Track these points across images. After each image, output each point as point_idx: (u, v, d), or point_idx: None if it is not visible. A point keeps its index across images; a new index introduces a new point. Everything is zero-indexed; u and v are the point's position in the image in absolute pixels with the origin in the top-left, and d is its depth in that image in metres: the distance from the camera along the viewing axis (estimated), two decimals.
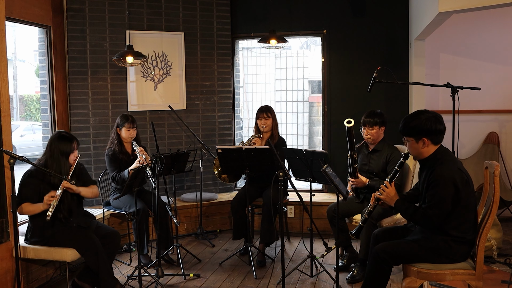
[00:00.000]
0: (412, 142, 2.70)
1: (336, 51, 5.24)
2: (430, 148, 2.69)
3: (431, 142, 2.67)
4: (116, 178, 4.09)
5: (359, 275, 3.64)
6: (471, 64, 5.27)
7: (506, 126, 5.23)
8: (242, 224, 4.24)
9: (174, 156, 4.01)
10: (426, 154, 2.70)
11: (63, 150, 3.28)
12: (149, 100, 5.09)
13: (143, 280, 3.59)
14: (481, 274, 2.62)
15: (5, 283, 3.21)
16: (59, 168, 3.26)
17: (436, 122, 2.65)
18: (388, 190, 2.84)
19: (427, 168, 2.69)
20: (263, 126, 4.37)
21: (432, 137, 2.66)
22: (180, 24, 5.16)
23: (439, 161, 2.64)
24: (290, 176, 3.49)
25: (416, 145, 2.69)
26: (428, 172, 2.66)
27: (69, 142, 3.31)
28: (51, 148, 3.30)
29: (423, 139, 2.65)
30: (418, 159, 2.77)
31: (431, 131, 2.64)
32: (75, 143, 3.34)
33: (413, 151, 2.74)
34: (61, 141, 3.30)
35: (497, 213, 4.50)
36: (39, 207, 3.20)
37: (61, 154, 3.28)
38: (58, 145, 3.28)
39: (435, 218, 2.59)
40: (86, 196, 3.43)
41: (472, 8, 3.59)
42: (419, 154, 2.73)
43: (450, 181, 2.55)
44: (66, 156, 3.29)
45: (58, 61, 4.62)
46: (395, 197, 2.81)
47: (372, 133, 3.81)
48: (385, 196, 2.84)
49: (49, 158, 3.29)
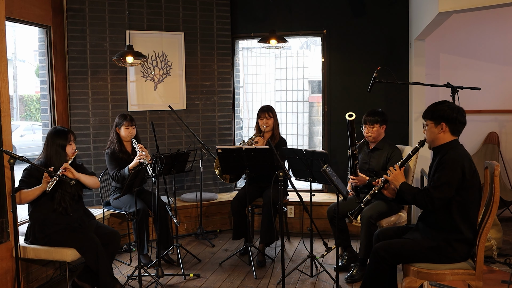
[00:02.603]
0: (431, 125, 2.73)
1: (336, 51, 5.24)
2: (447, 136, 2.71)
3: (449, 130, 2.70)
4: (116, 176, 4.09)
5: (358, 275, 3.64)
6: (471, 64, 5.27)
7: (506, 126, 5.23)
8: (242, 224, 4.24)
9: (174, 156, 4.01)
10: (442, 141, 2.72)
11: (60, 142, 3.32)
12: (149, 100, 5.09)
13: (143, 280, 3.59)
14: (481, 274, 2.62)
15: (5, 283, 3.21)
16: (58, 161, 3.28)
17: (458, 112, 2.70)
18: (396, 172, 2.89)
19: (439, 156, 2.71)
20: (264, 126, 4.37)
21: (451, 125, 2.69)
22: (180, 24, 5.16)
23: (453, 149, 2.67)
24: (290, 176, 3.49)
25: (434, 129, 2.72)
26: (439, 158, 2.69)
27: (65, 134, 3.35)
28: (48, 143, 3.35)
29: (442, 124, 2.69)
30: (432, 146, 2.78)
31: (452, 119, 2.68)
32: (71, 135, 3.39)
33: (429, 135, 2.76)
34: (57, 135, 3.35)
35: (497, 213, 4.50)
36: (37, 188, 3.19)
37: (59, 147, 3.32)
38: (55, 138, 3.33)
39: (437, 201, 2.61)
40: (86, 184, 3.43)
41: (472, 8, 3.59)
42: (435, 140, 2.74)
43: (459, 165, 2.58)
44: (64, 148, 3.33)
45: (58, 61, 4.62)
46: (402, 179, 2.86)
47: (372, 131, 3.82)
48: (393, 177, 2.89)
49: (48, 153, 3.32)
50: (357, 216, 3.16)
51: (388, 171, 2.93)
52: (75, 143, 3.43)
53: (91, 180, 3.47)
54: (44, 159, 3.32)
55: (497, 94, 5.22)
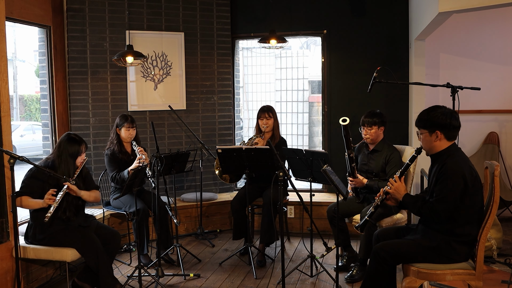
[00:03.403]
0: (425, 134, 2.71)
1: (336, 51, 5.24)
2: (443, 143, 2.68)
3: (444, 137, 2.67)
4: (116, 178, 4.09)
5: (358, 275, 3.64)
6: (471, 64, 5.26)
7: (506, 126, 5.23)
8: (242, 224, 4.24)
9: (174, 156, 4.01)
10: (439, 148, 2.70)
11: (71, 152, 3.32)
12: (149, 100, 5.09)
13: (143, 280, 3.59)
14: (481, 274, 2.62)
15: (5, 283, 3.21)
16: (66, 169, 3.29)
17: (451, 117, 2.66)
18: (396, 184, 2.82)
19: (438, 163, 2.69)
20: (265, 126, 4.37)
21: (446, 132, 2.66)
22: (180, 24, 5.16)
23: (450, 156, 2.64)
24: (290, 176, 3.49)
25: (429, 138, 2.69)
26: (438, 167, 2.66)
27: (78, 144, 3.35)
28: (59, 149, 3.34)
29: (437, 132, 2.66)
30: (430, 153, 2.76)
31: (446, 125, 2.64)
32: (83, 146, 3.39)
33: (425, 144, 2.74)
34: (70, 143, 3.34)
35: (497, 213, 4.50)
36: (39, 203, 3.21)
37: (69, 156, 3.31)
38: (67, 146, 3.32)
39: (442, 213, 2.59)
40: (87, 200, 3.46)
41: (472, 8, 3.59)
42: (432, 148, 2.72)
43: (460, 175, 2.56)
44: (74, 158, 3.33)
45: (58, 61, 4.62)
46: (404, 191, 2.80)
47: (371, 133, 3.81)
48: (394, 190, 2.83)
49: (57, 158, 3.32)
50: (363, 229, 3.12)
51: (389, 183, 2.87)
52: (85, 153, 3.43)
53: (93, 198, 3.49)
54: (52, 163, 3.32)
55: (497, 94, 5.22)
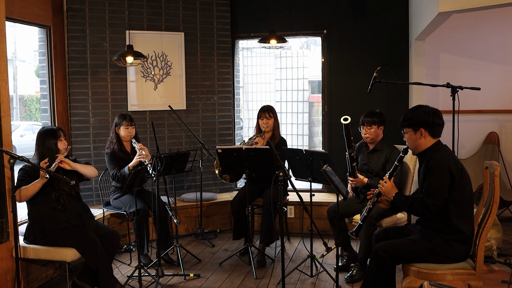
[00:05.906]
0: (410, 133, 2.75)
1: (336, 51, 5.24)
2: (428, 141, 2.72)
3: (429, 134, 2.71)
4: (116, 175, 4.09)
5: (358, 275, 3.64)
6: (471, 64, 5.27)
7: (506, 126, 5.23)
8: (242, 224, 4.24)
9: (174, 156, 4.01)
10: (424, 146, 2.74)
11: (49, 139, 3.35)
12: (149, 100, 5.09)
13: (143, 280, 3.59)
14: (481, 274, 2.62)
15: (5, 283, 3.21)
16: (51, 158, 3.30)
17: (434, 115, 2.71)
18: (386, 184, 2.85)
19: (425, 160, 2.72)
20: (265, 126, 4.37)
21: (430, 129, 2.70)
22: (180, 24, 5.16)
23: (436, 152, 2.68)
24: (290, 176, 3.49)
25: (414, 136, 2.73)
26: (425, 163, 2.70)
27: (54, 132, 3.39)
28: (39, 143, 3.37)
29: (421, 130, 2.70)
30: (416, 152, 2.80)
31: (429, 123, 2.69)
32: (60, 131, 3.42)
33: (411, 143, 2.78)
34: (46, 134, 3.38)
35: (497, 213, 4.50)
36: (36, 184, 3.21)
37: (49, 144, 3.34)
38: (45, 137, 3.36)
39: (433, 207, 2.61)
40: (84, 173, 3.45)
41: (472, 8, 3.60)
42: (417, 146, 2.76)
43: (446, 168, 2.59)
44: (55, 144, 3.35)
45: (58, 61, 4.62)
46: (394, 190, 2.83)
47: (370, 133, 3.81)
48: (384, 191, 2.86)
49: (41, 152, 3.34)
50: (358, 234, 3.14)
51: (379, 185, 2.90)
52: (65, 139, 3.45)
53: (89, 169, 3.49)
54: (38, 159, 3.31)
55: (497, 94, 5.22)
